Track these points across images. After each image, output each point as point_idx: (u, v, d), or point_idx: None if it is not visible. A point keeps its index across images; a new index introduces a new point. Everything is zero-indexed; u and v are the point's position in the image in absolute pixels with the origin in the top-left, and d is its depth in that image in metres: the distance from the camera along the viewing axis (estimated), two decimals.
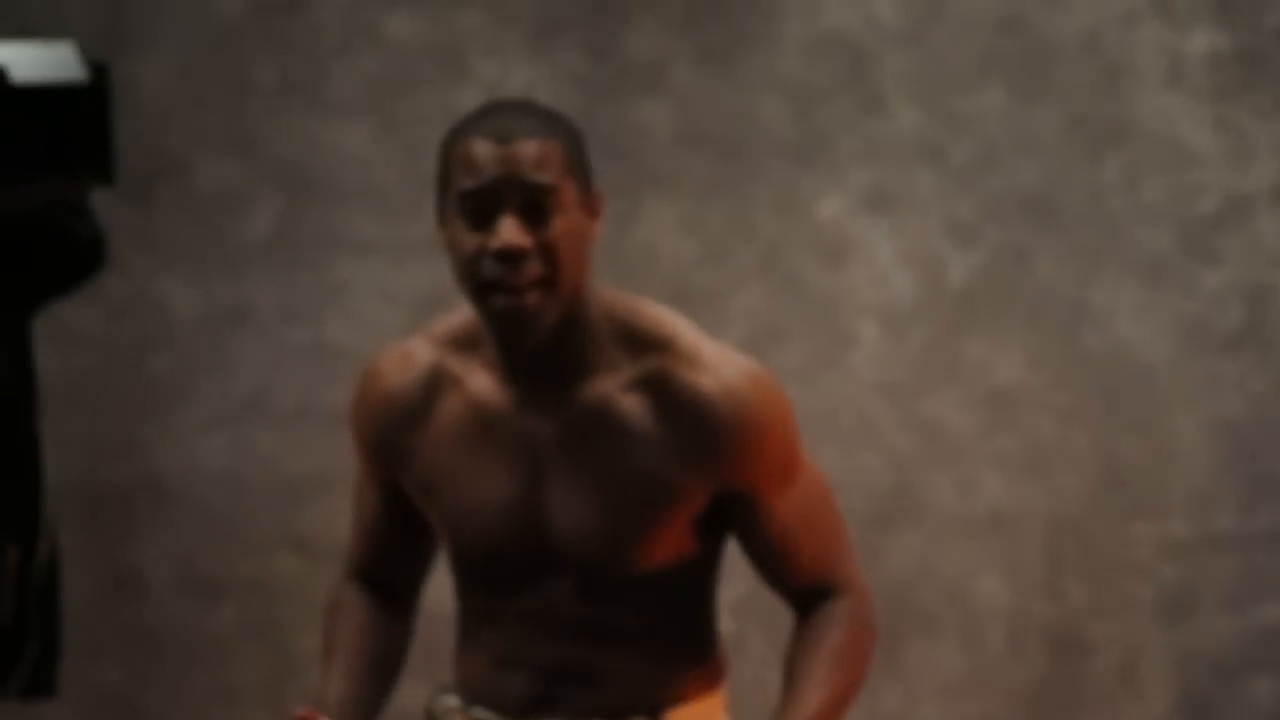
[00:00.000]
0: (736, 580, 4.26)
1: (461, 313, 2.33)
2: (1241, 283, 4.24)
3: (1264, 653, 4.26)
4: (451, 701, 2.41)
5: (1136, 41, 4.21)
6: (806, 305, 4.27)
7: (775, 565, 2.31)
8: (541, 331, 2.17)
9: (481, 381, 2.28)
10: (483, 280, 2.16)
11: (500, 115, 2.19)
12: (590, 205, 2.22)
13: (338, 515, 4.34)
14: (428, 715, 2.44)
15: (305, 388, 4.34)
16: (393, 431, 2.33)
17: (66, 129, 3.65)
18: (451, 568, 2.37)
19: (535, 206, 2.15)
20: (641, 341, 2.25)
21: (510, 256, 2.14)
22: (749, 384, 2.23)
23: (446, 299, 4.31)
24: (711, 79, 4.26)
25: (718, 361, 2.24)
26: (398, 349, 2.34)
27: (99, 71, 3.69)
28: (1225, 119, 4.22)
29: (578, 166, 2.20)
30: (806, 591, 2.34)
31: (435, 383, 2.31)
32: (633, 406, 2.23)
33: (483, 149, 2.15)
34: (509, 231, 2.14)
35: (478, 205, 2.15)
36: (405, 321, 4.32)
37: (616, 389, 2.24)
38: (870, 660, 2.34)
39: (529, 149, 2.16)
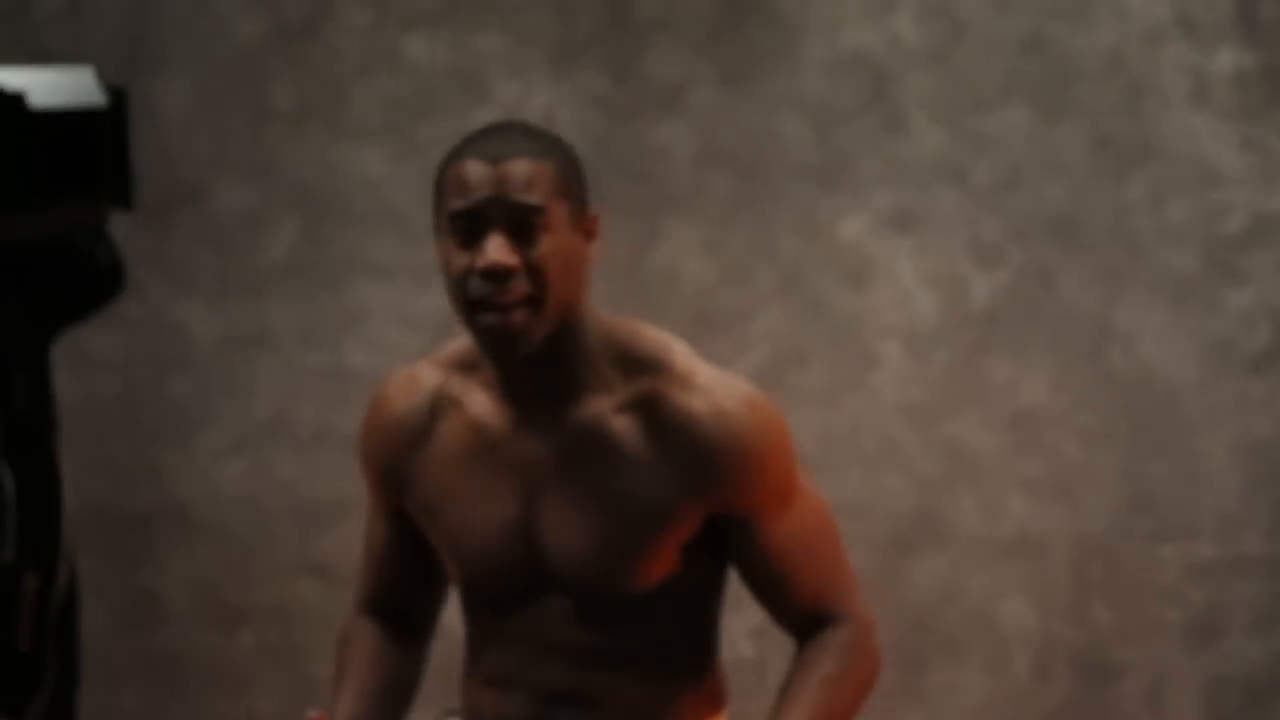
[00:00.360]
0: (756, 605, 4.24)
1: (468, 336, 2.36)
2: (1268, 303, 4.23)
3: None
4: None
5: (1161, 60, 4.21)
6: (829, 326, 4.27)
7: (771, 591, 2.31)
8: (528, 348, 2.21)
9: (481, 402, 2.31)
10: (471, 299, 2.20)
11: (493, 137, 2.24)
12: (585, 227, 2.25)
13: (357, 540, 4.33)
14: None
15: (324, 412, 4.34)
16: (397, 456, 2.36)
17: (85, 153, 3.65)
18: (457, 590, 2.38)
19: (523, 226, 2.19)
20: (637, 363, 2.27)
21: (496, 275, 2.18)
22: (743, 408, 2.25)
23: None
24: (732, 99, 4.26)
25: (712, 384, 2.26)
26: (405, 373, 2.38)
27: (117, 96, 3.69)
28: (1251, 138, 4.21)
29: (570, 188, 2.23)
30: (804, 618, 2.33)
31: (438, 405, 2.34)
32: (625, 428, 2.26)
33: (473, 170, 2.20)
34: (495, 250, 2.17)
35: (467, 225, 2.19)
36: (424, 345, 4.32)
37: (610, 410, 2.26)
38: (866, 692, 2.32)
39: (518, 169, 2.20)
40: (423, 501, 2.35)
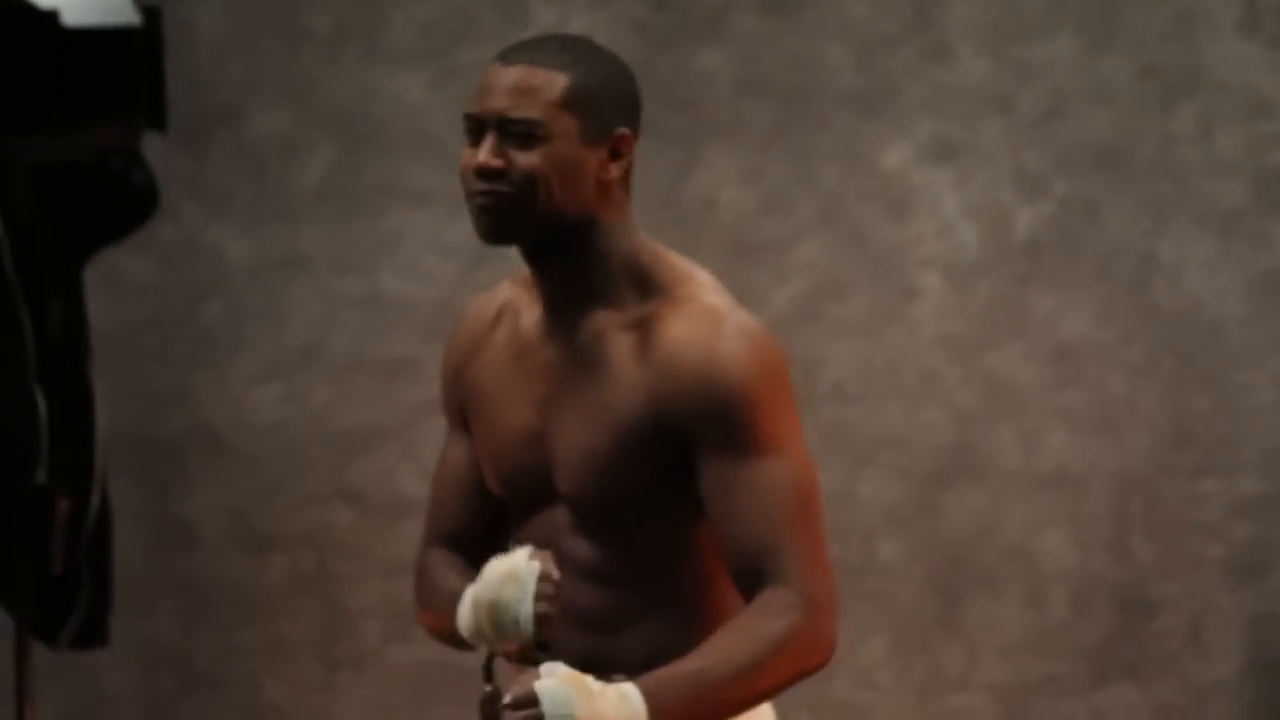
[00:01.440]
0: None
1: None
2: None
3: None
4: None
5: None
6: (869, 257, 4.25)
7: (717, 531, 2.30)
8: (510, 237, 2.32)
9: (530, 314, 2.40)
10: (467, 191, 2.33)
11: (528, 44, 2.35)
12: (610, 144, 2.32)
13: (391, 468, 4.32)
14: (482, 666, 2.43)
15: (358, 338, 4.33)
16: (462, 365, 2.45)
17: (119, 73, 3.63)
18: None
19: (516, 133, 2.30)
20: (651, 286, 2.34)
21: (484, 174, 2.31)
22: (728, 343, 2.28)
23: (501, 251, 4.29)
24: (774, 26, 4.24)
25: (706, 315, 2.30)
26: (487, 290, 2.49)
27: (151, 15, 3.66)
28: None
29: (586, 102, 2.31)
30: (746, 573, 2.29)
31: (500, 316, 2.44)
32: (622, 344, 2.33)
33: (492, 74, 2.33)
34: (484, 151, 2.31)
35: (474, 126, 2.33)
36: (458, 272, 4.31)
37: (616, 326, 2.34)
38: (795, 668, 2.27)
39: (519, 77, 2.30)
40: (473, 407, 2.43)
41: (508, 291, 2.45)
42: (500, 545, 2.47)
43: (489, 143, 2.31)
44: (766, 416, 2.28)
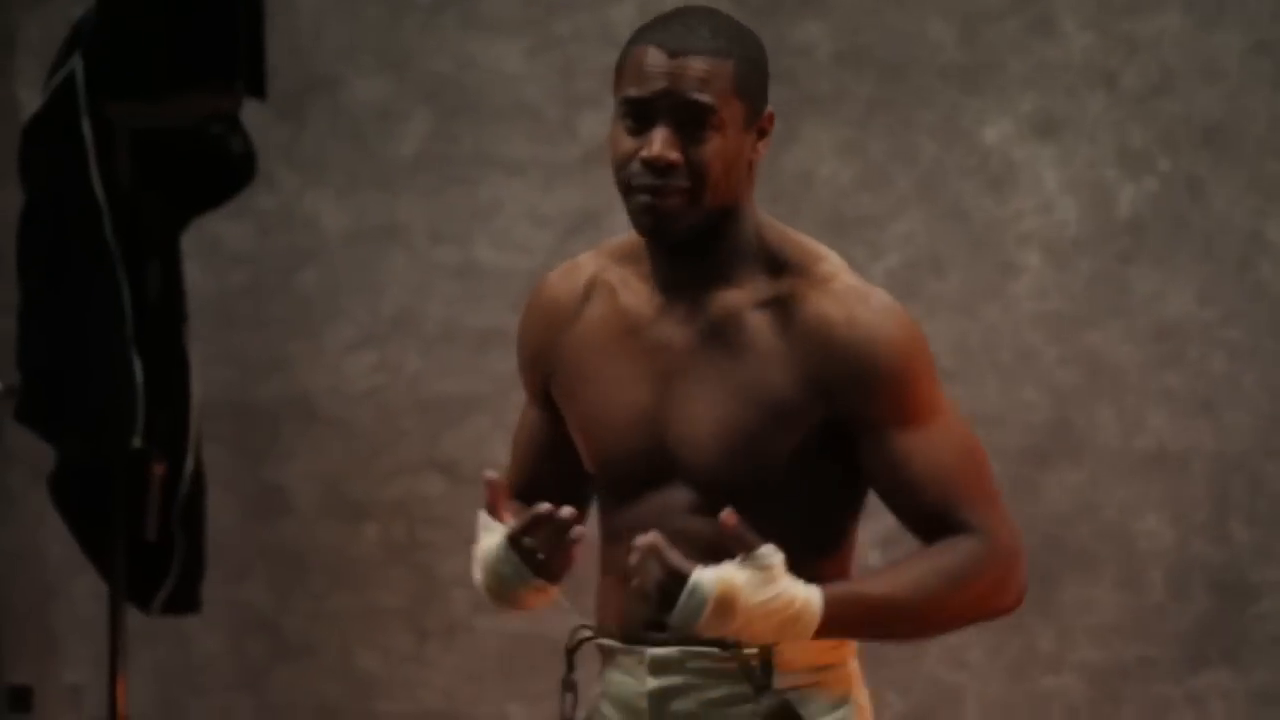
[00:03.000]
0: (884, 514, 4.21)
1: (627, 231, 2.42)
2: None
3: None
4: (585, 632, 2.45)
5: None
6: (967, 233, 4.22)
7: (900, 505, 2.32)
8: (677, 237, 2.29)
9: (632, 290, 2.37)
10: (631, 183, 2.28)
11: (680, 25, 2.28)
12: (761, 125, 2.31)
13: (484, 437, 4.32)
14: (565, 649, 2.46)
15: (453, 308, 4.33)
16: (548, 336, 2.42)
17: (220, 40, 3.63)
18: (594, 483, 2.43)
19: (692, 122, 2.25)
20: (782, 265, 2.33)
21: (657, 168, 2.25)
22: (877, 318, 2.30)
23: (596, 220, 4.28)
24: None
25: (849, 292, 2.31)
26: (568, 262, 2.45)
27: None
28: None
29: (749, 87, 2.29)
30: (932, 534, 2.32)
31: (591, 289, 2.40)
32: (760, 323, 2.31)
33: (653, 58, 2.26)
34: (660, 144, 2.25)
35: (639, 112, 2.26)
36: (553, 243, 4.30)
37: (749, 305, 2.32)
38: (983, 608, 2.31)
39: (695, 65, 2.25)
40: (565, 383, 2.40)
41: (593, 265, 2.41)
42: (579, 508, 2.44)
43: (664, 134, 2.25)
44: (926, 384, 2.30)
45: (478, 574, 2.39)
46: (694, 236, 2.30)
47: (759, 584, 2.22)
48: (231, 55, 3.63)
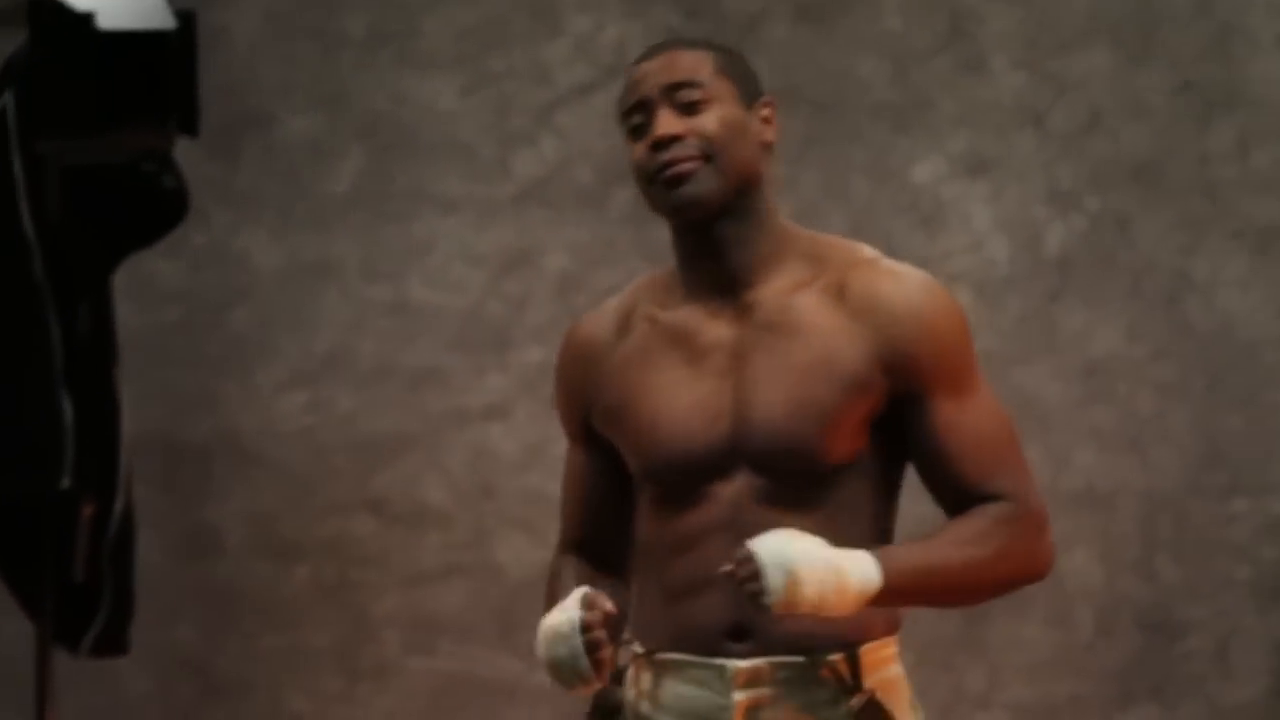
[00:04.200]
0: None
1: (660, 270, 2.54)
2: None
3: None
4: (635, 648, 2.45)
5: (1250, 2, 4.16)
6: None
7: (941, 473, 2.40)
8: (705, 204, 2.38)
9: (673, 309, 2.46)
10: (650, 172, 2.40)
11: (656, 46, 2.47)
12: (760, 112, 2.44)
13: (416, 477, 4.31)
14: (613, 671, 2.45)
15: (385, 345, 4.32)
16: (583, 372, 2.50)
17: (152, 77, 3.62)
18: (644, 504, 2.46)
19: (686, 102, 2.40)
20: (823, 256, 2.45)
21: (665, 143, 2.38)
22: (927, 289, 2.42)
23: (529, 258, 4.28)
24: (808, 36, 4.23)
25: (899, 268, 2.44)
26: (593, 310, 2.56)
27: (185, 20, 3.65)
28: None
29: (733, 71, 2.44)
30: (971, 498, 2.41)
31: (626, 320, 2.49)
32: (816, 305, 2.41)
33: (634, 72, 2.44)
34: (662, 124, 2.39)
35: (639, 118, 2.41)
36: (487, 281, 4.29)
37: (798, 291, 2.42)
38: (1018, 571, 2.40)
39: (674, 57, 2.43)
40: (612, 404, 2.46)
41: (625, 301, 2.51)
42: (626, 555, 2.50)
43: (662, 115, 2.39)
44: (971, 355, 2.43)
45: (542, 649, 2.38)
46: (718, 208, 2.39)
47: (812, 546, 2.28)
48: (164, 92, 3.62)
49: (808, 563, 2.26)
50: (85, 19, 3.55)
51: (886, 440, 2.42)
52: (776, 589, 2.26)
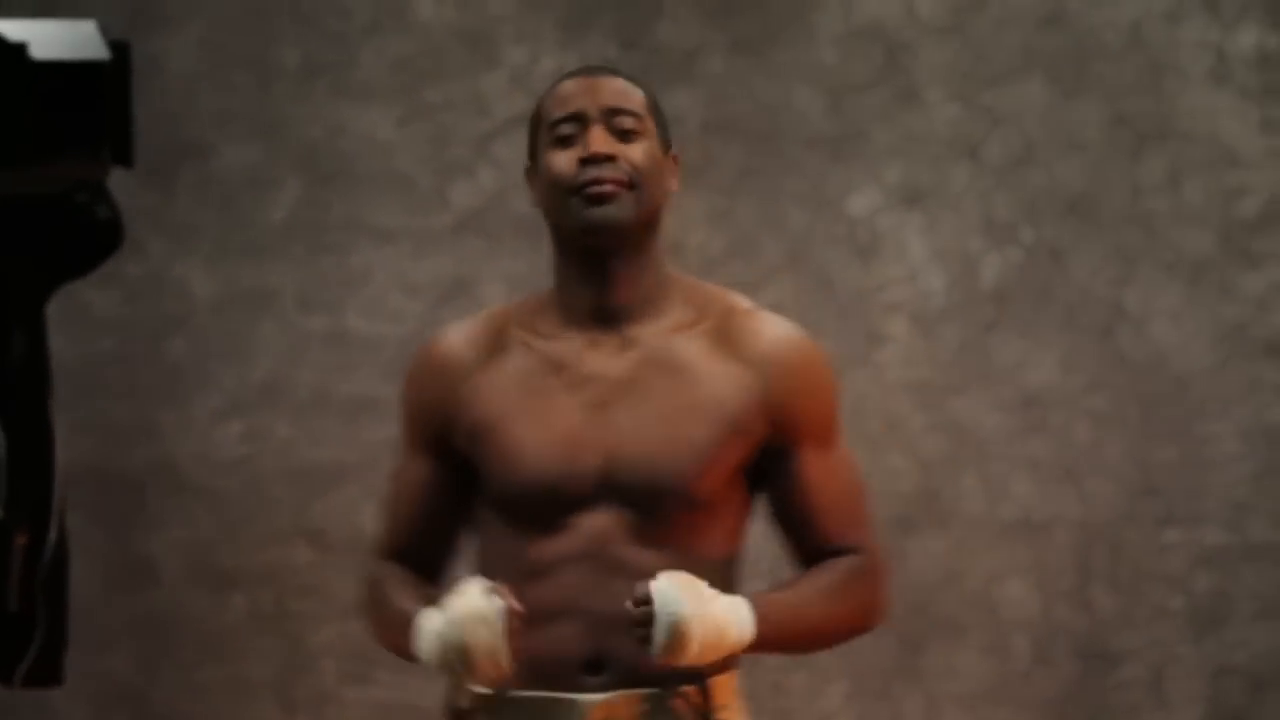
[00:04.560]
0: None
1: (523, 296, 2.55)
2: None
3: None
4: (479, 688, 2.41)
5: (1181, 38, 4.19)
6: (835, 302, 4.25)
7: (801, 523, 2.47)
8: (620, 227, 2.41)
9: (550, 336, 2.48)
10: (573, 185, 2.42)
11: (588, 66, 2.57)
12: (670, 158, 2.50)
13: (354, 506, 4.30)
14: (452, 710, 2.43)
15: (323, 375, 4.31)
16: (449, 385, 2.49)
17: (86, 107, 3.60)
18: (492, 524, 2.45)
19: (622, 129, 2.44)
20: (704, 303, 2.50)
21: (598, 159, 2.41)
22: (804, 339, 2.53)
23: (467, 289, 4.28)
24: (744, 69, 4.24)
25: (778, 319, 2.54)
26: (452, 325, 2.55)
27: (119, 49, 3.64)
28: (1271, 119, 4.19)
29: (659, 117, 2.50)
30: (822, 553, 2.49)
31: (498, 342, 2.49)
32: (700, 347, 2.46)
33: (572, 84, 2.47)
34: (597, 141, 2.42)
35: (570, 128, 2.43)
36: (424, 311, 4.29)
37: (682, 334, 2.46)
38: (860, 622, 2.48)
39: (615, 83, 2.47)
40: (479, 422, 2.46)
41: (496, 321, 2.51)
42: (443, 572, 2.51)
43: (599, 133, 2.42)
44: (836, 408, 2.53)
45: (438, 632, 2.34)
46: (627, 239, 2.42)
47: (706, 600, 2.33)
48: (98, 123, 3.61)
49: (698, 620, 2.29)
50: (18, 49, 3.54)
51: (745, 483, 2.46)
52: (662, 643, 2.28)
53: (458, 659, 2.30)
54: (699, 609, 2.31)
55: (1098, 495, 4.23)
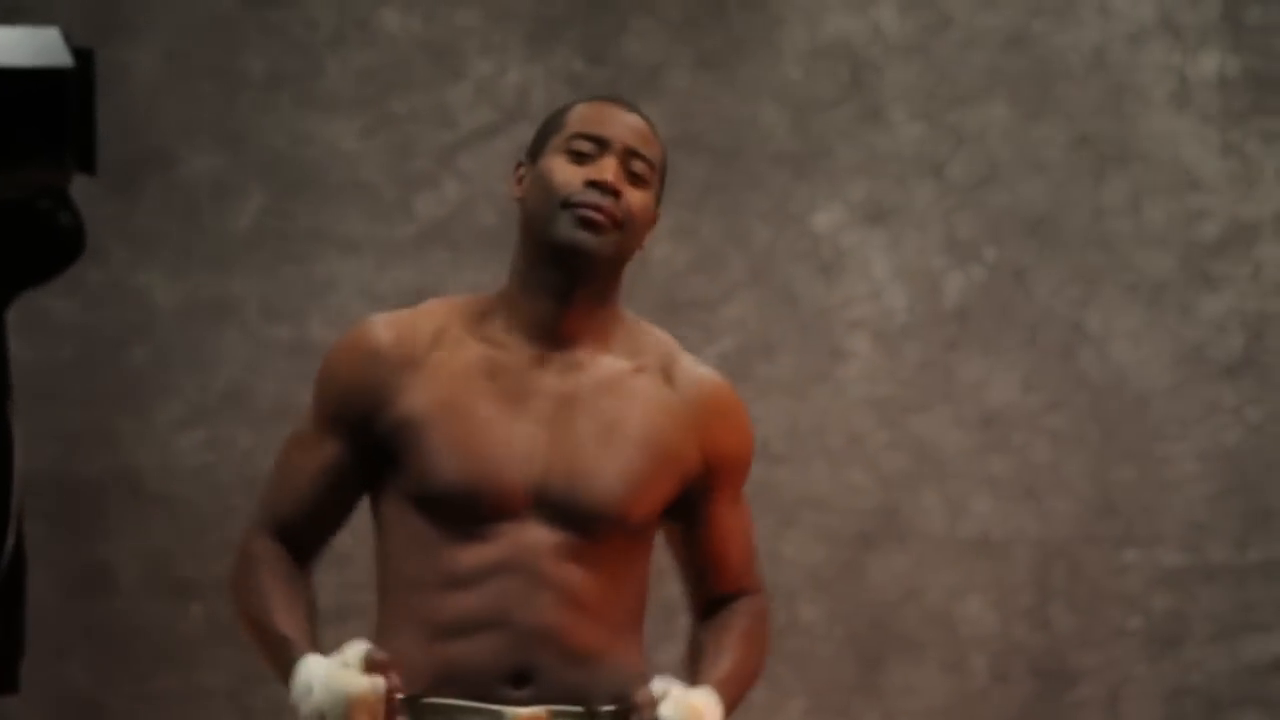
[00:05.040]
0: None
1: (468, 295, 2.55)
2: (1242, 310, 4.22)
3: (1253, 688, 4.23)
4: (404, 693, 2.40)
5: (1144, 61, 4.20)
6: (798, 318, 4.26)
7: (708, 565, 2.53)
8: (596, 258, 2.43)
9: (496, 341, 2.47)
10: (570, 200, 2.43)
11: (624, 101, 2.56)
12: (655, 213, 2.55)
13: None
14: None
15: (285, 385, 4.30)
16: (380, 369, 2.46)
17: (49, 114, 3.59)
18: (410, 525, 2.42)
19: (635, 172, 2.47)
20: (645, 342, 2.53)
21: (605, 189, 2.43)
22: (733, 391, 2.58)
23: (430, 299, 4.27)
24: (709, 85, 4.25)
25: (710, 368, 2.59)
26: (387, 314, 2.53)
27: (83, 57, 3.63)
28: (1232, 143, 4.21)
29: (662, 176, 2.55)
30: (726, 595, 2.54)
31: (439, 336, 2.48)
32: (646, 383, 2.49)
33: (608, 110, 2.50)
34: (609, 170, 2.44)
35: (589, 147, 2.45)
36: None
37: (627, 369, 2.49)
38: (764, 660, 2.55)
39: (644, 126, 2.51)
40: (413, 414, 2.43)
41: (436, 312, 2.51)
42: (318, 556, 2.51)
43: (613, 164, 2.46)
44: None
45: (317, 706, 2.38)
46: (598, 272, 2.44)
47: (702, 707, 2.39)
48: (60, 128, 3.60)
49: None
50: None
51: (660, 515, 2.50)
52: None
53: None
54: None
55: (1057, 514, 4.24)
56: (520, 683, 2.38)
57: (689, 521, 2.53)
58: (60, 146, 3.61)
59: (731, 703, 2.45)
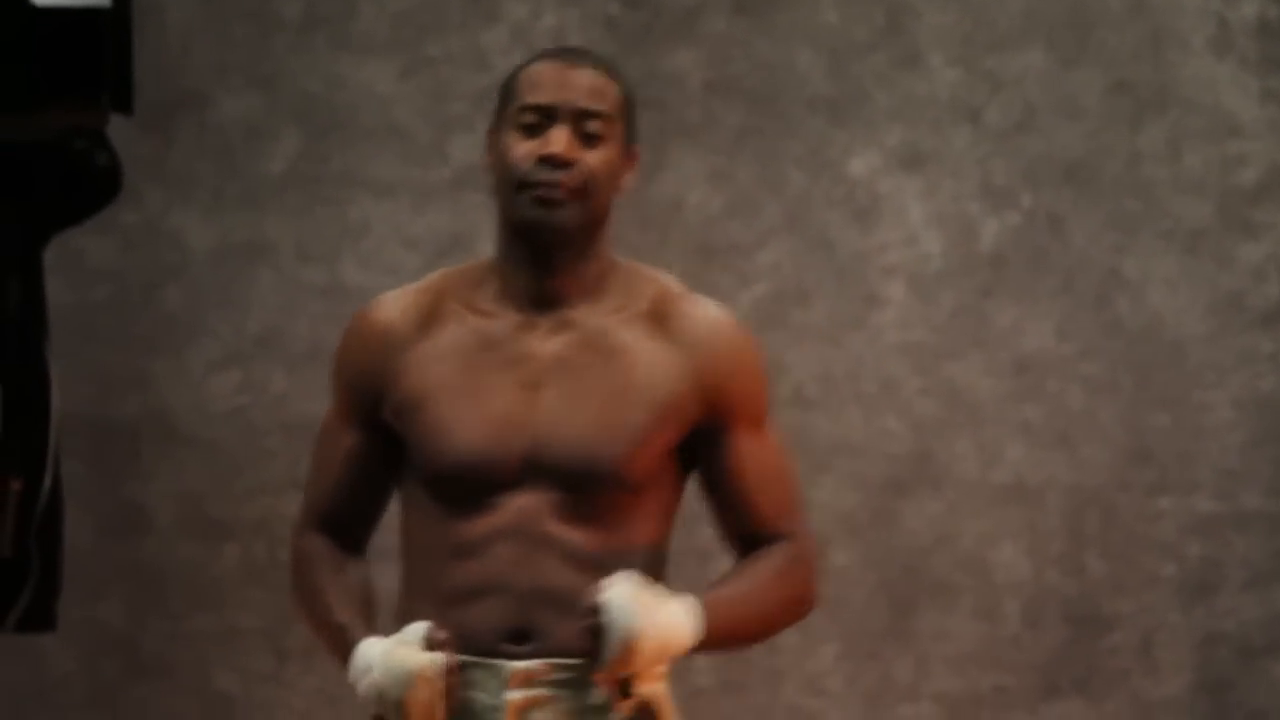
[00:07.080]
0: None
1: (463, 264, 2.56)
2: None
3: None
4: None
5: (1184, 6, 4.18)
6: (833, 263, 4.25)
7: (735, 506, 2.49)
8: (563, 231, 2.42)
9: (485, 310, 2.48)
10: (526, 180, 2.42)
11: (569, 51, 2.55)
12: (629, 157, 2.50)
13: None
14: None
15: (318, 328, 4.31)
16: (382, 356, 2.50)
17: (86, 54, 3.59)
18: (420, 500, 2.46)
19: (586, 129, 2.43)
20: (638, 287, 2.50)
21: (556, 163, 2.41)
22: (739, 327, 2.52)
23: (464, 243, 4.28)
24: (746, 29, 4.23)
25: (710, 304, 2.54)
26: (393, 292, 2.57)
27: None
28: (1271, 89, 4.19)
29: (627, 114, 2.50)
30: (759, 538, 2.50)
31: (433, 313, 2.49)
32: (635, 333, 2.46)
33: (550, 70, 2.46)
34: (560, 141, 2.41)
35: (536, 118, 2.43)
36: (421, 264, 4.29)
37: (618, 319, 2.47)
38: (795, 609, 2.49)
39: (591, 77, 2.46)
40: (410, 394, 2.46)
41: (428, 290, 2.52)
42: (367, 539, 2.53)
43: (563, 134, 2.42)
44: (767, 391, 2.53)
45: (377, 684, 2.39)
46: (571, 241, 2.43)
47: (655, 611, 2.34)
48: (97, 69, 3.60)
49: (649, 632, 2.30)
50: None
51: (677, 465, 2.47)
52: (611, 660, 2.31)
53: (394, 713, 2.35)
54: (649, 619, 2.32)
55: (1091, 461, 4.24)
56: (521, 640, 2.40)
57: (708, 465, 2.50)
58: (97, 86, 3.62)
59: (721, 630, 2.41)
